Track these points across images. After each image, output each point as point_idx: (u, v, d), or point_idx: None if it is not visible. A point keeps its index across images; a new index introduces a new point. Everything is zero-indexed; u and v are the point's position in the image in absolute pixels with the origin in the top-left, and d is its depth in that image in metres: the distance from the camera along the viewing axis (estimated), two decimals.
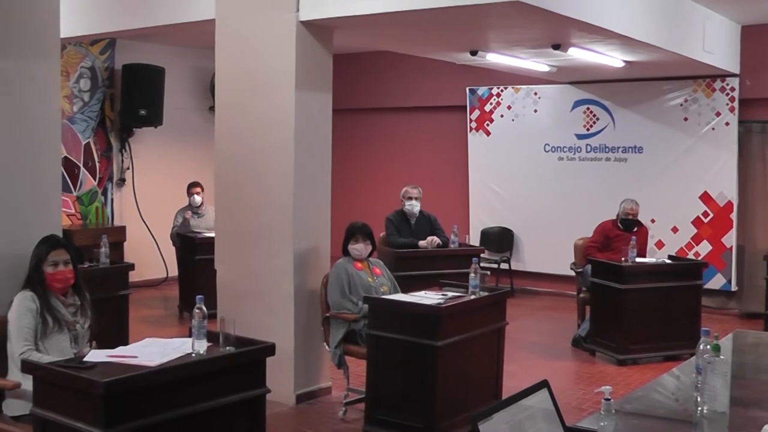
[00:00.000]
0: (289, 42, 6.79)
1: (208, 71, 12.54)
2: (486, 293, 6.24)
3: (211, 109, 12.56)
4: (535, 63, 9.94)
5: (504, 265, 12.13)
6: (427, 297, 5.97)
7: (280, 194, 6.88)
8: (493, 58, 9.47)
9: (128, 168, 12.47)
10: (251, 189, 7.07)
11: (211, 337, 4.25)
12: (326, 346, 6.58)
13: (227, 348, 4.23)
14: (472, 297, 6.06)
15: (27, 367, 4.12)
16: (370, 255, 6.70)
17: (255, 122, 7.05)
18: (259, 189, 7.02)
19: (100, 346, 4.53)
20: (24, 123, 4.97)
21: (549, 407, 2.87)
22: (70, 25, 7.29)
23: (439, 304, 5.74)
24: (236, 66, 7.18)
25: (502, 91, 12.35)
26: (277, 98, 6.89)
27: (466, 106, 12.64)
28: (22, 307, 4.60)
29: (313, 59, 6.96)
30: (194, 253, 9.83)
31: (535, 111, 12.13)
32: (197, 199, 10.48)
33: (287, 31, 6.79)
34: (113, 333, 6.73)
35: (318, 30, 6.93)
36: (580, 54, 8.80)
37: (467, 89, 12.59)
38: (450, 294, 6.08)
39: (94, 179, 12.05)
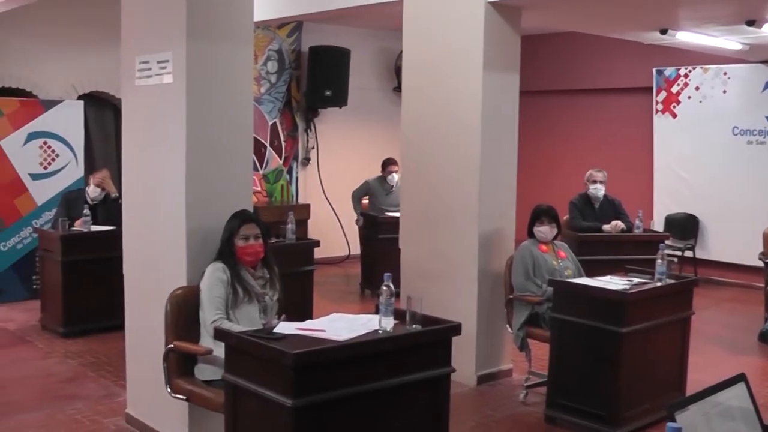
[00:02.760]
0: (477, 23, 6.76)
1: (392, 52, 12.69)
2: (672, 281, 6.08)
3: (396, 89, 12.75)
4: (727, 41, 9.57)
5: (688, 253, 11.78)
6: (613, 282, 5.86)
7: (466, 176, 6.89)
8: (683, 37, 9.19)
9: (313, 147, 12.76)
10: (437, 170, 7.11)
11: (396, 314, 4.28)
12: (509, 328, 6.57)
13: (414, 326, 4.25)
14: (659, 284, 5.89)
15: (219, 334, 4.27)
16: (555, 238, 6.63)
17: (442, 104, 7.07)
18: (445, 170, 7.05)
19: (287, 320, 4.64)
20: (220, 104, 5.14)
21: (744, 405, 2.74)
22: (259, 10, 7.48)
23: (626, 289, 5.62)
24: (423, 48, 7.21)
25: (690, 71, 11.94)
26: (464, 80, 6.89)
27: (652, 88, 12.30)
28: (214, 278, 4.76)
29: (501, 40, 6.91)
30: (377, 231, 9.96)
31: (724, 92, 11.66)
32: (395, 177, 10.10)
33: (475, 12, 6.77)
34: (298, 307, 6.91)
35: (506, 11, 6.87)
36: None
37: (654, 70, 12.24)
38: (636, 280, 5.95)
39: (280, 158, 12.39)
